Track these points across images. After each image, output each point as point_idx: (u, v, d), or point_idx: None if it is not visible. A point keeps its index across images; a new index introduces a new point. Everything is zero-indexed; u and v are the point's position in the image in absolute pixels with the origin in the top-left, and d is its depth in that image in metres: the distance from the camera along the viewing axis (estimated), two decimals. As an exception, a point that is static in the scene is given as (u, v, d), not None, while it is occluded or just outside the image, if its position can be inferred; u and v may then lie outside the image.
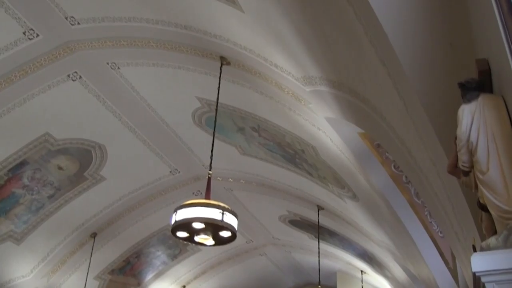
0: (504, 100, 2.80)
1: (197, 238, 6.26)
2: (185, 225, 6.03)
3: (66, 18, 6.74)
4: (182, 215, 5.98)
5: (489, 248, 2.47)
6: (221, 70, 7.04)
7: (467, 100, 2.83)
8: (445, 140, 3.95)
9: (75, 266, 11.69)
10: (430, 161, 4.96)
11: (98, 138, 9.18)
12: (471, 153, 2.77)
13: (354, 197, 8.71)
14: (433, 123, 4.17)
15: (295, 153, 8.77)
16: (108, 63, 7.59)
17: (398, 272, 10.61)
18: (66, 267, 11.52)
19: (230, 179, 10.59)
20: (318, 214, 10.71)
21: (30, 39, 6.96)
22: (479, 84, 2.87)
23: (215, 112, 7.30)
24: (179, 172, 10.50)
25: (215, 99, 7.21)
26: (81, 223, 10.92)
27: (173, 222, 6.05)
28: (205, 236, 6.21)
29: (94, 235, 11.34)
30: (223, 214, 5.96)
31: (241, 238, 13.20)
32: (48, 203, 9.97)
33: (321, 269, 11.95)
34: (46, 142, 8.84)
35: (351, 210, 9.45)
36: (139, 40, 7.07)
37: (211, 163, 6.85)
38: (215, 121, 7.25)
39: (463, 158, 2.85)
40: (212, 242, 6.34)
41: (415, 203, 7.56)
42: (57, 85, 7.81)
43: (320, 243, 11.84)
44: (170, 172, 10.47)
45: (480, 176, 2.66)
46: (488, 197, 2.61)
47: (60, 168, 9.50)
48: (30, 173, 9.29)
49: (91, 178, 9.96)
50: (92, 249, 11.40)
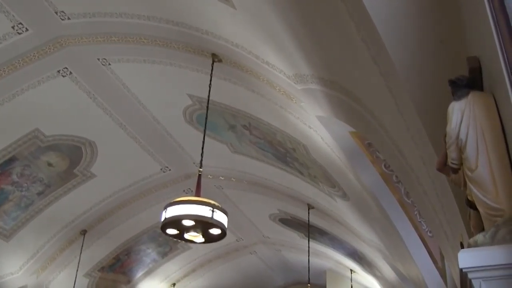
0: (494, 98, 2.80)
1: (187, 236, 6.25)
2: (175, 222, 6.02)
3: (56, 13, 6.66)
4: (172, 212, 5.98)
5: (476, 245, 2.46)
6: (212, 67, 7.02)
7: (457, 97, 2.82)
8: (436, 139, 3.95)
9: (65, 264, 11.64)
10: (420, 160, 4.97)
11: (89, 134, 9.13)
12: (460, 150, 2.77)
13: (344, 196, 8.72)
14: (423, 121, 4.18)
15: (286, 152, 8.76)
16: (98, 59, 7.53)
17: (388, 271, 10.63)
18: (55, 264, 11.47)
19: (220, 177, 10.57)
20: (308, 213, 10.71)
21: (19, 33, 6.88)
22: (469, 82, 2.87)
23: (206, 110, 7.29)
24: (169, 169, 10.47)
25: (207, 97, 7.19)
26: (71, 220, 10.88)
27: (163, 219, 6.05)
28: (195, 234, 6.21)
29: (84, 232, 11.30)
30: (213, 211, 5.96)
31: (231, 236, 13.19)
32: (38, 199, 9.92)
33: (311, 268, 11.95)
34: (36, 138, 8.78)
35: (341, 209, 9.46)
36: (130, 36, 7.02)
37: (201, 161, 6.84)
38: (206, 118, 7.23)
39: (452, 155, 2.85)
40: (202, 240, 6.34)
41: (405, 202, 7.58)
42: (47, 80, 7.75)
43: (310, 242, 11.85)
44: (161, 169, 10.43)
45: (469, 173, 2.66)
46: (476, 194, 2.61)
47: (50, 164, 9.44)
48: (19, 170, 9.22)
49: (81, 175, 9.90)
50: (82, 246, 11.36)
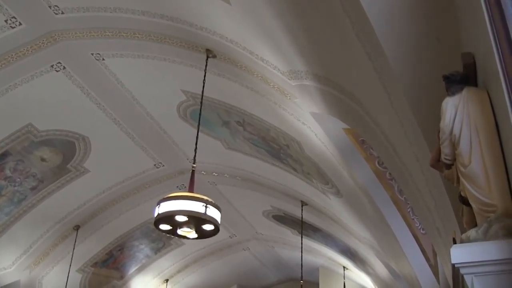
0: (488, 93, 2.81)
1: (180, 231, 6.25)
2: (168, 217, 6.02)
3: (50, 7, 6.62)
4: (165, 207, 5.97)
5: (469, 240, 2.46)
6: (206, 63, 6.99)
7: (451, 93, 2.83)
8: (429, 135, 3.96)
9: (58, 259, 11.61)
10: (414, 156, 4.98)
11: (82, 130, 9.10)
12: (454, 146, 2.77)
13: (338, 193, 8.72)
14: (417, 118, 4.18)
15: (280, 148, 8.76)
16: (92, 54, 7.49)
17: (380, 268, 10.65)
18: (48, 259, 11.44)
19: (214, 173, 10.56)
20: (301, 209, 10.72)
21: (13, 27, 6.82)
22: (463, 77, 2.87)
23: (200, 106, 7.27)
24: (163, 165, 10.45)
25: (201, 92, 7.17)
26: (64, 216, 10.85)
27: (156, 215, 6.04)
28: (188, 229, 6.20)
29: (77, 228, 11.27)
30: (206, 207, 5.95)
31: (225, 232, 13.20)
32: (31, 195, 9.88)
33: (303, 265, 11.97)
34: (29, 133, 8.74)
35: (334, 206, 9.47)
36: (124, 31, 6.99)
37: (195, 156, 6.83)
38: (200, 114, 7.22)
39: (445, 151, 2.85)
40: (195, 235, 6.34)
41: (398, 200, 7.60)
42: (41, 75, 7.70)
43: (303, 238, 11.86)
44: (154, 165, 10.41)
45: (462, 169, 2.66)
46: (469, 190, 2.61)
47: (43, 159, 9.40)
48: (12, 165, 9.17)
49: (74, 170, 9.87)
50: (75, 241, 11.34)
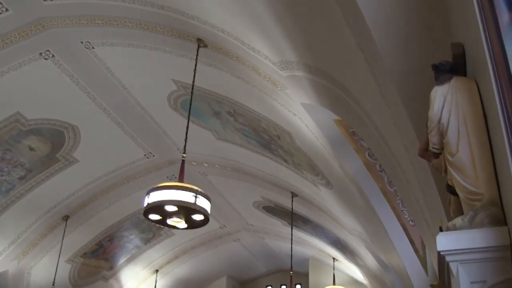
0: (477, 83, 2.81)
1: (170, 221, 6.22)
2: (157, 207, 5.99)
3: (39, -7, 6.55)
4: (154, 197, 5.94)
5: (455, 228, 2.48)
6: (197, 52, 6.95)
7: (440, 82, 2.83)
8: (419, 126, 3.97)
9: (47, 249, 11.57)
10: (403, 147, 4.99)
11: (71, 119, 9.03)
12: (442, 135, 2.78)
13: (328, 184, 8.74)
14: (407, 108, 4.19)
15: (270, 139, 8.75)
16: (82, 42, 7.42)
17: (370, 260, 10.72)
18: (37, 249, 11.39)
19: (205, 164, 10.54)
20: (292, 201, 10.75)
21: None
22: (452, 67, 2.87)
23: (190, 95, 7.23)
24: (153, 155, 10.41)
25: (191, 82, 7.13)
26: (53, 206, 10.79)
27: (145, 205, 6.01)
28: (178, 219, 6.18)
29: (66, 218, 11.22)
30: (196, 197, 5.93)
31: (215, 223, 13.20)
32: (19, 184, 9.81)
33: (293, 256, 12.02)
34: (17, 122, 8.66)
35: (325, 197, 9.49)
36: (114, 19, 6.92)
37: (185, 146, 6.80)
38: (191, 104, 7.18)
39: (433, 139, 2.86)
40: (185, 225, 6.32)
41: (388, 191, 7.63)
42: (29, 63, 7.63)
43: (293, 230, 11.91)
44: (145, 155, 10.37)
45: (450, 158, 2.67)
46: (456, 178, 2.62)
47: (31, 149, 9.32)
48: (0, 154, 9.10)
49: (63, 159, 9.81)
50: (64, 232, 11.30)
